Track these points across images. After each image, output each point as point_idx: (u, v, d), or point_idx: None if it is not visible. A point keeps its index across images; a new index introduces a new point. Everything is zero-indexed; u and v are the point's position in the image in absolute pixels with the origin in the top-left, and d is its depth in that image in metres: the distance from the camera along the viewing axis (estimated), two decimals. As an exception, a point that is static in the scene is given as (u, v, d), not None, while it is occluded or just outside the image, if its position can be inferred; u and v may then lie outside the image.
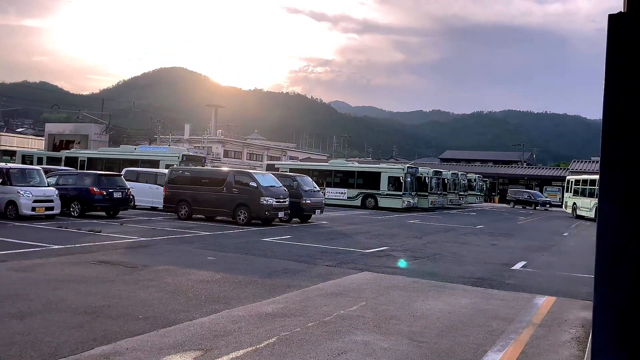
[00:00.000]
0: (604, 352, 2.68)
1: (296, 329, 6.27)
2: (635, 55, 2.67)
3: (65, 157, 34.78)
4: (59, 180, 20.25)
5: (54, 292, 7.60)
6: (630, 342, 2.63)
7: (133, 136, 65.46)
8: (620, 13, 2.72)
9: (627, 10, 2.96)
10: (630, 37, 2.69)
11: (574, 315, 7.75)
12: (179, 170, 22.05)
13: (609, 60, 2.72)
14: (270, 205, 19.08)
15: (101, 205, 19.58)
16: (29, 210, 17.26)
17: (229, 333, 6.01)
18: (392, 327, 6.60)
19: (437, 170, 38.83)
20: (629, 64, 2.68)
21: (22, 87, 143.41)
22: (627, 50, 2.69)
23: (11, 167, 18.70)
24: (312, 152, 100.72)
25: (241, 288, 8.51)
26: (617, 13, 2.71)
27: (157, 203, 22.79)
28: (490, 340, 6.30)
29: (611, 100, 2.72)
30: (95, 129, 53.76)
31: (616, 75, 2.72)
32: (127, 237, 14.31)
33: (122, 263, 10.26)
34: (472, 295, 8.91)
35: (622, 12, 2.80)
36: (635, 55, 2.67)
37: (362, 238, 16.91)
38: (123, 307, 6.94)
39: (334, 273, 10.31)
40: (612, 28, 2.70)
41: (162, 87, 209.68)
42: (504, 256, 14.27)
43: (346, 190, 34.66)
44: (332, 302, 7.80)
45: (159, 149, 35.62)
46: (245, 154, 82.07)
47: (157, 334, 5.86)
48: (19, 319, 6.17)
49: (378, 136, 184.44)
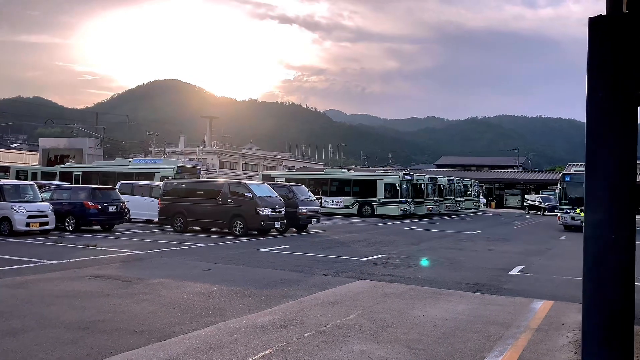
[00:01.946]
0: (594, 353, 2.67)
1: (292, 340, 6.24)
2: (615, 56, 2.67)
3: (60, 172, 34.70)
4: (53, 195, 20.16)
5: (48, 308, 7.54)
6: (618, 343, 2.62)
7: (128, 149, 65.40)
8: (601, 16, 2.73)
9: (607, 13, 2.97)
10: (611, 39, 2.69)
11: (572, 319, 7.73)
12: (174, 182, 22.00)
13: (590, 62, 2.73)
14: (266, 216, 19.03)
15: (96, 219, 19.49)
16: (23, 226, 17.17)
17: (225, 345, 5.97)
18: (389, 336, 6.57)
19: (433, 177, 38.87)
20: (609, 64, 2.68)
21: (16, 103, 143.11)
22: (607, 51, 2.69)
23: (5, 183, 18.61)
24: (307, 161, 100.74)
25: (237, 299, 8.46)
26: (598, 16, 2.72)
27: (153, 216, 22.70)
28: (488, 346, 6.28)
29: (594, 103, 2.72)
30: (89, 143, 53.72)
31: (598, 76, 2.72)
32: (123, 250, 14.24)
33: (117, 277, 10.19)
34: (469, 301, 8.89)
35: (602, 14, 2.81)
36: (615, 56, 2.67)
37: (359, 246, 16.87)
38: (118, 322, 6.89)
39: (331, 282, 10.27)
40: (593, 30, 2.70)
41: (157, 99, 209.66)
42: (501, 261, 14.26)
43: (342, 199, 34.65)
44: (328, 311, 7.77)
45: (154, 161, 35.56)
46: (241, 164, 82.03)
47: (152, 348, 5.81)
48: (12, 336, 6.12)
49: (373, 144, 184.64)
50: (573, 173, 26.58)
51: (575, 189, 25.57)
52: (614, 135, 2.72)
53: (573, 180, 25.76)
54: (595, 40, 2.69)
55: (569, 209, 25.56)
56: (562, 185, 26.43)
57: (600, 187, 2.74)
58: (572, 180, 25.90)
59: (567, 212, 25.73)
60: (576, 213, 25.00)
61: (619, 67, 2.68)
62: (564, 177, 26.51)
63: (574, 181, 25.73)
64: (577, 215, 24.75)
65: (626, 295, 2.64)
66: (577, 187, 25.33)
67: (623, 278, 2.60)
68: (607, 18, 2.70)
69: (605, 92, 2.71)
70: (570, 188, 25.98)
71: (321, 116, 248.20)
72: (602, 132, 2.74)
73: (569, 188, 26.10)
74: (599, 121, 2.74)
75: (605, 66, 2.70)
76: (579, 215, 24.36)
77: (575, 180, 25.51)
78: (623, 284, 2.60)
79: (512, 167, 76.95)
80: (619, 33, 2.61)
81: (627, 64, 2.65)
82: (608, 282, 2.66)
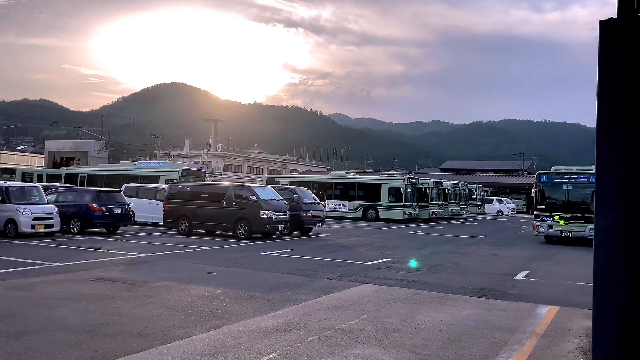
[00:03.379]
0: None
1: (297, 344, 6.21)
2: (627, 59, 2.64)
3: (65, 174, 34.80)
4: (58, 198, 20.21)
5: (52, 311, 7.54)
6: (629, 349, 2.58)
7: (133, 152, 65.59)
8: (612, 19, 2.70)
9: (618, 16, 2.94)
10: (622, 42, 2.66)
11: (578, 324, 7.67)
12: (179, 186, 22.02)
13: (601, 65, 2.70)
14: (271, 219, 19.02)
15: (101, 222, 19.53)
16: (28, 228, 17.22)
17: (229, 349, 5.95)
18: (393, 340, 6.53)
19: (437, 181, 38.77)
20: (621, 68, 2.66)
21: (22, 105, 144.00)
22: (619, 55, 2.66)
23: (10, 185, 18.68)
24: (312, 165, 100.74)
25: (241, 303, 8.44)
26: (609, 19, 2.70)
27: (157, 218, 22.73)
28: (494, 351, 6.23)
29: (604, 106, 2.69)
30: (95, 146, 53.88)
31: (609, 80, 2.69)
32: (127, 253, 14.24)
33: (122, 280, 10.19)
34: (475, 306, 8.83)
35: (613, 17, 2.79)
36: (627, 59, 2.64)
37: (363, 250, 16.83)
38: (122, 325, 6.88)
39: (335, 286, 10.23)
40: (604, 33, 2.68)
41: (162, 102, 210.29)
42: (506, 266, 14.18)
43: (347, 203, 34.60)
44: (333, 315, 7.73)
45: (159, 164, 35.64)
46: (246, 167, 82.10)
47: (155, 352, 5.79)
48: (16, 339, 6.11)
49: (378, 148, 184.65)
50: (551, 172, 22.00)
51: (554, 191, 21.68)
52: (625, 139, 2.69)
53: (551, 181, 21.64)
54: (606, 44, 2.67)
55: (546, 216, 21.23)
56: (538, 187, 21.85)
57: (611, 192, 2.70)
58: (549, 180, 21.68)
59: (543, 219, 21.29)
60: (555, 221, 20.95)
61: (631, 70, 2.65)
62: (540, 177, 21.99)
63: (552, 182, 21.62)
64: (556, 224, 20.89)
65: (638, 301, 2.60)
66: (556, 189, 21.56)
67: (635, 283, 2.56)
68: (619, 21, 2.68)
69: (617, 95, 2.68)
70: (548, 190, 21.83)
71: (326, 120, 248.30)
72: (613, 136, 2.71)
73: (546, 190, 21.86)
74: (610, 124, 2.71)
75: (617, 69, 2.68)
76: (558, 223, 20.80)
77: (554, 181, 21.53)
78: (635, 289, 2.57)
79: (517, 172, 76.72)
80: (631, 36, 2.59)
81: (639, 67, 2.63)
82: (619, 288, 2.62)
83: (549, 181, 21.70)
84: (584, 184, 20.71)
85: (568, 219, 20.63)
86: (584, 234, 20.28)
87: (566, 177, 21.34)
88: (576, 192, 21.16)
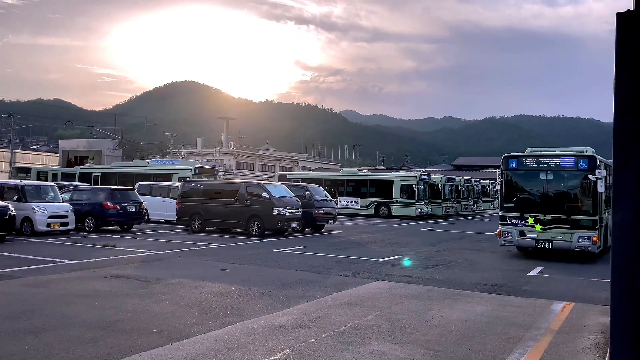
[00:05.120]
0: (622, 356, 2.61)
1: (310, 340, 6.23)
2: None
3: (79, 173, 35.14)
4: (73, 196, 20.42)
5: (69, 307, 7.63)
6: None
7: (146, 150, 66.00)
8: (629, 11, 2.67)
9: (635, 8, 2.91)
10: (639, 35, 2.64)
11: (593, 321, 7.61)
12: (192, 183, 22.12)
13: (618, 58, 2.67)
14: (283, 216, 19.06)
15: (115, 220, 19.70)
16: (44, 226, 17.42)
17: (243, 345, 5.98)
18: (407, 337, 6.53)
19: (450, 177, 38.59)
20: (639, 61, 2.63)
21: (37, 105, 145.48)
22: (636, 48, 2.64)
23: (26, 184, 18.91)
24: (324, 162, 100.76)
25: (255, 300, 8.48)
26: (626, 11, 2.67)
27: (171, 216, 22.88)
28: (508, 348, 6.20)
29: (622, 99, 2.67)
30: (108, 144, 54.24)
31: (626, 73, 2.66)
32: (141, 250, 14.36)
33: (136, 277, 10.28)
34: (488, 302, 8.80)
35: (630, 10, 2.76)
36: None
37: (375, 247, 16.82)
38: (137, 321, 6.94)
39: (348, 283, 10.24)
40: (621, 26, 2.65)
41: (174, 101, 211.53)
42: (520, 262, 14.09)
43: (359, 199, 34.58)
44: (346, 312, 7.74)
45: (172, 162, 35.82)
46: (257, 165, 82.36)
47: (171, 348, 5.84)
48: (34, 335, 6.19)
49: (390, 144, 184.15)
50: (524, 156, 15.02)
51: (528, 182, 14.96)
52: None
53: (524, 168, 14.80)
54: (623, 36, 2.65)
55: (516, 218, 14.51)
56: (504, 176, 15.01)
57: (629, 185, 2.67)
58: (521, 167, 14.82)
59: (512, 223, 14.55)
60: (528, 225, 14.31)
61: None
62: (507, 163, 14.98)
63: (525, 169, 14.80)
64: (530, 230, 14.28)
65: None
66: (531, 180, 14.80)
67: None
68: (636, 13, 2.65)
69: (634, 88, 2.65)
70: (519, 180, 15.09)
71: (337, 117, 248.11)
72: (631, 129, 2.69)
73: (517, 181, 15.10)
74: (628, 118, 2.68)
75: (635, 62, 2.65)
76: (532, 228, 14.25)
77: (528, 168, 14.73)
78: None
79: (531, 167, 75.94)
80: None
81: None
82: (637, 284, 2.60)
83: (520, 168, 14.86)
84: (570, 171, 14.23)
85: (547, 223, 14.08)
86: (569, 245, 13.84)
87: (545, 162, 14.51)
88: (560, 184, 14.60)
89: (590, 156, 14.19)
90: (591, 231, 13.81)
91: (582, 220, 13.93)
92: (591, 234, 13.77)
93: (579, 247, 13.84)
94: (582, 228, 13.88)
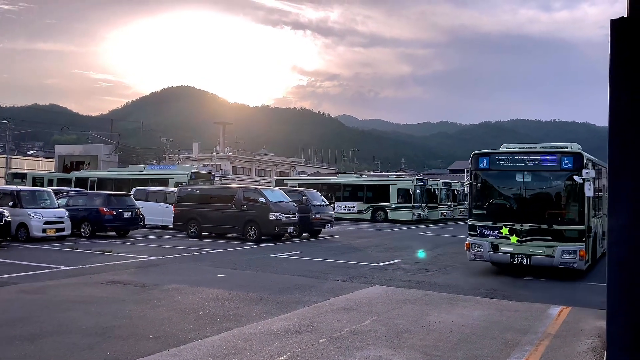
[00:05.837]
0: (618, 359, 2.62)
1: (308, 346, 6.21)
2: (638, 58, 2.64)
3: (76, 178, 35.08)
4: (69, 201, 20.36)
5: (65, 314, 7.60)
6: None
7: (142, 155, 65.89)
8: (623, 18, 2.70)
9: (629, 15, 2.94)
10: (633, 41, 2.66)
11: (590, 324, 7.62)
12: (188, 189, 22.11)
13: (613, 63, 2.70)
14: (280, 221, 19.05)
15: (111, 225, 19.65)
16: (39, 232, 17.35)
17: (240, 351, 5.97)
18: (404, 342, 6.52)
19: (446, 182, 38.69)
20: (633, 66, 2.66)
21: (33, 110, 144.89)
22: (630, 53, 2.66)
23: (22, 190, 18.85)
24: (320, 167, 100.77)
25: (252, 305, 8.46)
26: (620, 18, 2.70)
27: (167, 222, 22.82)
28: (505, 352, 6.21)
29: (616, 105, 2.69)
30: (104, 150, 54.20)
31: (621, 77, 2.69)
32: (138, 256, 14.32)
33: (133, 283, 10.25)
34: (485, 306, 8.80)
35: (624, 16, 2.79)
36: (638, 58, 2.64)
37: (372, 251, 16.81)
38: (133, 327, 6.92)
39: (345, 288, 10.23)
40: (615, 32, 2.68)
41: (170, 106, 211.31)
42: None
43: (355, 204, 34.60)
44: (343, 317, 7.73)
45: (168, 167, 35.84)
46: (254, 170, 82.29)
47: (168, 354, 5.82)
48: (30, 341, 6.16)
49: (386, 149, 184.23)
50: (496, 153, 12.74)
51: (502, 184, 12.89)
52: (638, 137, 2.68)
53: (496, 167, 12.53)
54: (617, 42, 2.67)
55: (488, 227, 12.28)
56: (474, 177, 12.97)
57: (624, 190, 2.69)
58: (493, 166, 12.54)
59: (483, 234, 12.34)
60: (502, 236, 12.05)
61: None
62: (478, 162, 12.76)
63: (498, 169, 12.55)
64: (505, 242, 12.03)
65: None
66: (505, 181, 12.73)
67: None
68: (629, 20, 2.68)
69: (629, 94, 2.68)
70: (492, 182, 12.96)
71: (334, 121, 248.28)
72: (625, 134, 2.71)
73: (489, 182, 12.98)
74: (622, 123, 2.70)
75: (629, 67, 2.68)
76: (507, 240, 11.98)
77: (502, 167, 12.47)
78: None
79: (527, 172, 76.08)
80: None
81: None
82: (634, 288, 2.61)
83: (493, 167, 12.61)
84: (553, 172, 12.07)
85: (525, 234, 11.81)
86: (551, 261, 11.55)
87: (522, 160, 12.29)
88: (540, 187, 12.48)
89: (576, 153, 11.72)
90: (577, 244, 11.32)
91: (567, 231, 11.46)
92: (577, 247, 11.29)
93: (563, 263, 11.40)
94: (567, 240, 11.40)
